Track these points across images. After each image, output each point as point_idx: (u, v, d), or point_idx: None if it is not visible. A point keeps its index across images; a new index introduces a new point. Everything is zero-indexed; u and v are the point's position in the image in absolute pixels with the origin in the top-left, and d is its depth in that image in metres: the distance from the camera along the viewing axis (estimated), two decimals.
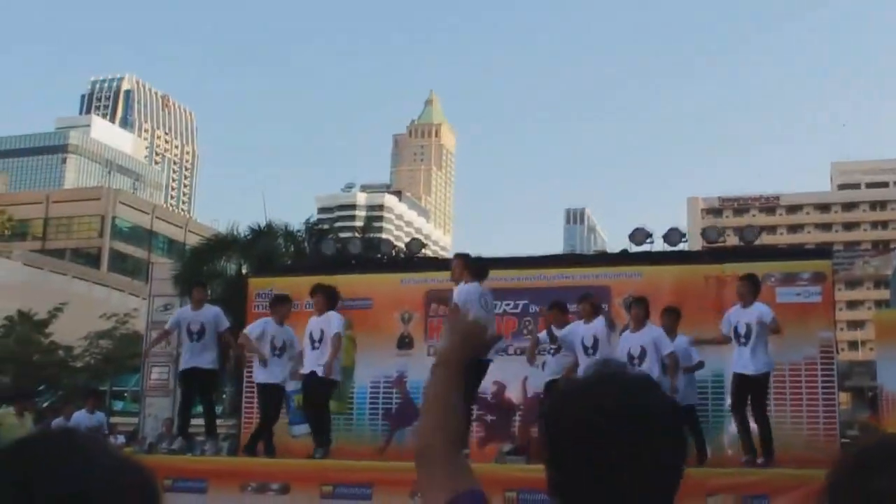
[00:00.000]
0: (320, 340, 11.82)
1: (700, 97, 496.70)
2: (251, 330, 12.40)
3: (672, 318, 12.01)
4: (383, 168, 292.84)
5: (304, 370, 11.95)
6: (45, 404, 33.20)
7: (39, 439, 1.24)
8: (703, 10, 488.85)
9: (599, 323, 11.80)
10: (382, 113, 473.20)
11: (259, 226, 29.88)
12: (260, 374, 12.18)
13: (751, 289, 11.34)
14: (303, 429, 13.43)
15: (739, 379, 11.15)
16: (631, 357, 11.25)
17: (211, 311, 12.74)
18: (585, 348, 11.69)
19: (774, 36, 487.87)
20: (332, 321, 11.89)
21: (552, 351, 12.16)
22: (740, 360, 11.13)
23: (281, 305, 12.53)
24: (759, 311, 11.11)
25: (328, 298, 12.16)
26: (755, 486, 10.17)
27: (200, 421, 13.66)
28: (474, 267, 11.54)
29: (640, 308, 11.61)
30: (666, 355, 11.28)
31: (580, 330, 11.86)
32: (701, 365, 12.11)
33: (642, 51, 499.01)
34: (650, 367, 11.07)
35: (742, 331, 11.12)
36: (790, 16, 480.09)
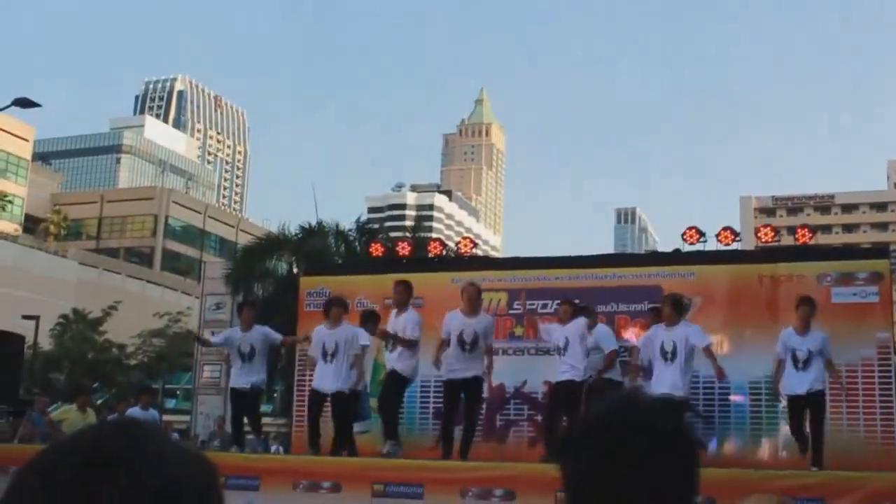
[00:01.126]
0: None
1: (754, 95, 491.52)
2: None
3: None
4: (433, 168, 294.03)
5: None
6: (99, 401, 33.67)
7: (93, 431, 1.25)
8: (759, 8, 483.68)
9: (574, 325, 11.94)
10: (433, 112, 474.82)
11: (310, 225, 30.08)
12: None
13: (810, 312, 11.37)
14: (360, 426, 13.47)
15: (796, 399, 11.34)
16: (664, 352, 11.31)
17: (259, 332, 12.96)
18: (558, 349, 12.03)
19: (828, 34, 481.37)
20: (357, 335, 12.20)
21: (560, 351, 12.08)
22: (797, 382, 11.27)
23: (334, 308, 12.50)
24: (821, 340, 11.29)
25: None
26: (811, 489, 10.04)
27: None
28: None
29: (669, 306, 11.61)
30: (703, 348, 11.35)
31: (555, 331, 12.13)
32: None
33: (695, 47, 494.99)
34: (680, 362, 11.25)
35: (802, 357, 11.25)
36: (845, 14, 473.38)
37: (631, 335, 12.94)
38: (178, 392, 50.43)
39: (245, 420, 13.69)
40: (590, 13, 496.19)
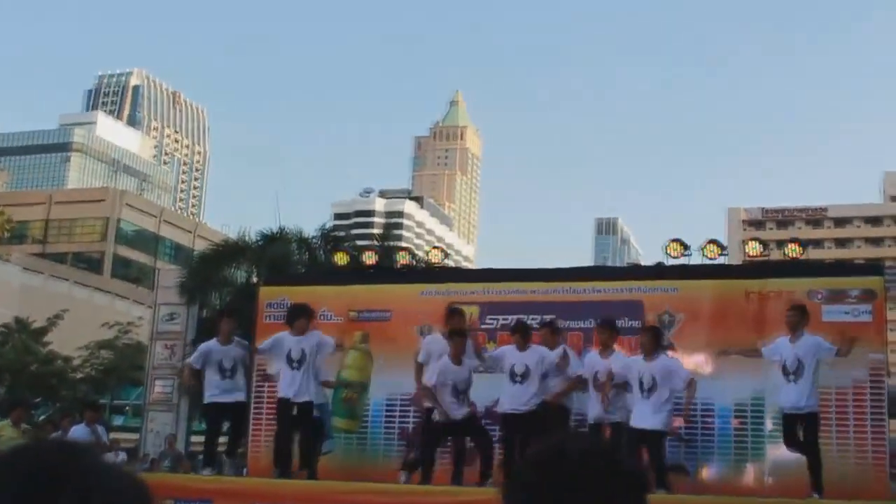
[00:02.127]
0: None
1: (743, 103, 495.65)
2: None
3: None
4: (404, 172, 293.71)
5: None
6: (42, 417, 33.38)
7: (35, 449, 1.24)
8: (746, 16, 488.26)
9: (534, 353, 12.11)
10: (404, 114, 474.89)
11: (271, 231, 29.97)
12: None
13: (799, 319, 11.53)
14: (323, 447, 13.46)
15: (791, 418, 11.45)
16: (642, 386, 11.54)
17: (242, 347, 12.84)
18: (514, 375, 12.09)
19: (822, 44, 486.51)
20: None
21: (518, 379, 12.16)
22: (789, 397, 11.39)
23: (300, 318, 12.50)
24: (813, 343, 11.40)
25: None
26: None
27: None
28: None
29: (649, 336, 11.89)
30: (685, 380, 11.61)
31: (511, 356, 12.22)
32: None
33: (678, 54, 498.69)
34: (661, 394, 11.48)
35: (792, 367, 11.31)
36: (839, 24, 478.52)
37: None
38: (126, 408, 50.04)
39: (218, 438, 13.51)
40: (573, 15, 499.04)
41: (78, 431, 16.07)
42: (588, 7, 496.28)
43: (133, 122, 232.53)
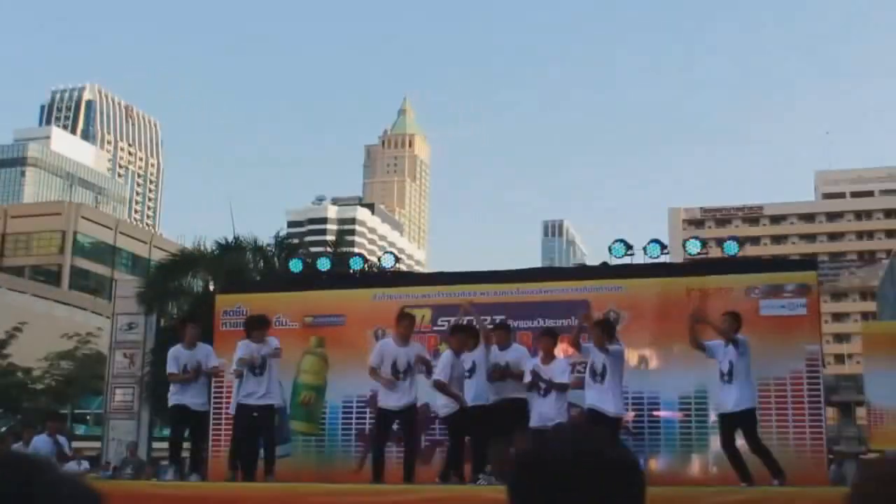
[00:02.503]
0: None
1: (680, 105, 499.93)
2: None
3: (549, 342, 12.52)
4: (356, 180, 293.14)
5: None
6: (2, 429, 32.92)
7: (4, 462, 1.23)
8: (690, 14, 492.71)
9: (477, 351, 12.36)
10: (355, 122, 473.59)
11: (226, 240, 29.79)
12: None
13: (733, 325, 11.70)
14: (281, 450, 13.43)
15: (727, 417, 11.55)
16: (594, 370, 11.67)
17: (205, 350, 12.90)
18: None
19: (755, 44, 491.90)
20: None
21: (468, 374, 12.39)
22: (725, 399, 11.54)
23: (261, 328, 12.59)
24: (738, 345, 11.54)
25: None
26: None
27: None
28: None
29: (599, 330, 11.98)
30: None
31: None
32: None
33: (619, 58, 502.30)
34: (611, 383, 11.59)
35: (725, 368, 11.48)
36: (771, 24, 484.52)
37: (559, 351, 13.02)
38: (88, 417, 49.51)
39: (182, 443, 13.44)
40: (514, 21, 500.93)
41: (40, 442, 15.87)
42: (527, 14, 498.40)
43: (87, 136, 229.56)
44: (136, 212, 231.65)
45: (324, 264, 16.35)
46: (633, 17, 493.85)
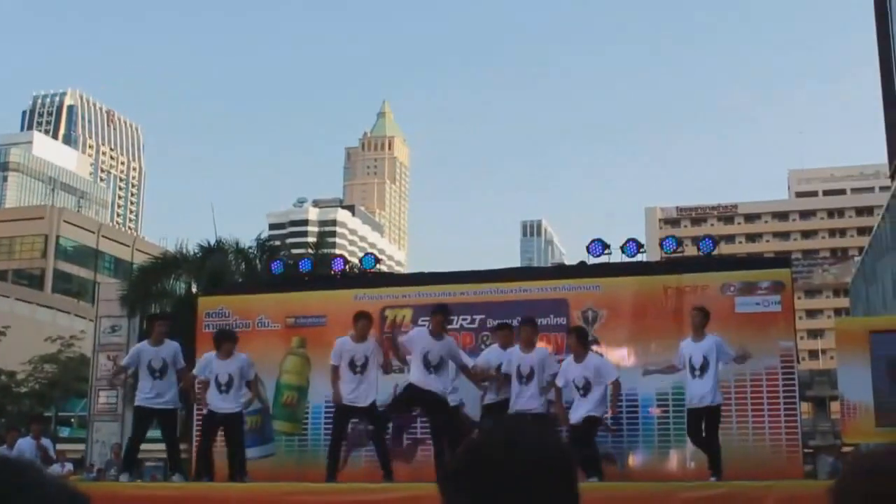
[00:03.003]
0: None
1: (655, 105, 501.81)
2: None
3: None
4: (336, 182, 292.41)
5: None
6: None
7: None
8: (664, 14, 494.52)
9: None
10: (334, 125, 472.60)
11: (208, 243, 29.72)
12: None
13: (702, 320, 11.90)
14: (255, 452, 13.41)
15: (696, 412, 11.76)
16: (576, 387, 11.81)
17: (172, 347, 12.67)
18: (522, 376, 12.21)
19: (728, 43, 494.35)
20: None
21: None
22: (696, 392, 11.71)
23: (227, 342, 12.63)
24: (716, 343, 11.73)
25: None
26: (717, 499, 10.24)
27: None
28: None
29: (575, 338, 12.14)
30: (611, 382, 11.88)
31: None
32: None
33: (596, 59, 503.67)
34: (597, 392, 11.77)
35: (697, 363, 11.65)
36: (742, 22, 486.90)
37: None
38: (72, 420, 49.27)
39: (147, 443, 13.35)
40: (488, 24, 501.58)
41: (24, 445, 15.79)
42: (504, 15, 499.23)
43: (69, 140, 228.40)
44: (118, 215, 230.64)
45: (305, 266, 16.33)
46: (608, 15, 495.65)
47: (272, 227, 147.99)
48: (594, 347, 12.84)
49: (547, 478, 1.61)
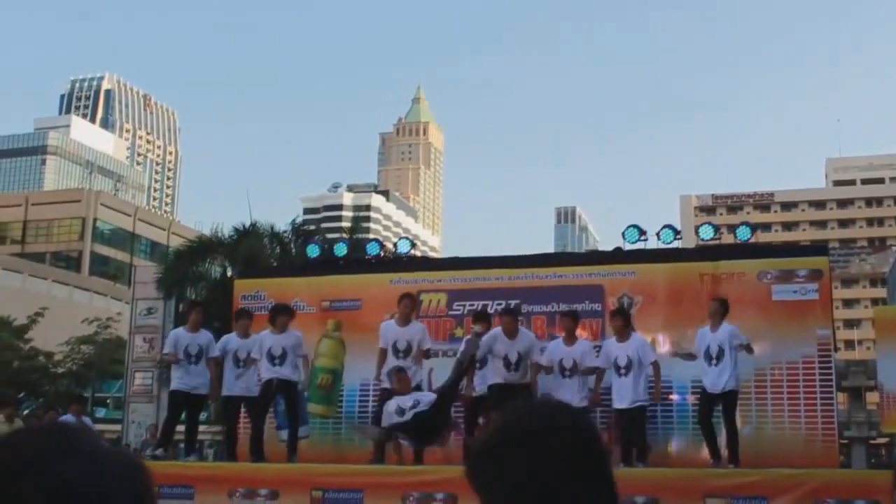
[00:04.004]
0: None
1: (692, 92, 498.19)
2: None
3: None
4: (370, 167, 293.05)
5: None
6: (25, 412, 33.08)
7: (34, 431, 1.24)
8: (698, 7, 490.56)
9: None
10: (369, 111, 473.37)
11: (244, 226, 29.85)
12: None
13: (719, 310, 11.91)
14: (300, 431, 13.50)
15: (710, 396, 11.80)
16: (617, 366, 11.82)
17: (206, 336, 13.03)
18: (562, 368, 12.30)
19: (768, 30, 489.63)
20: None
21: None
22: (712, 380, 11.74)
23: (245, 319, 13.12)
24: (730, 332, 11.74)
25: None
26: (754, 487, 10.20)
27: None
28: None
29: (621, 319, 12.16)
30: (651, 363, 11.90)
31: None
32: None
33: (633, 45, 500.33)
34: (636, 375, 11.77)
35: (714, 352, 11.69)
36: (783, 10, 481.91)
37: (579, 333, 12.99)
38: (108, 401, 49.73)
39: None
40: (525, 10, 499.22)
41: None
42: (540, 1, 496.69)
43: (106, 124, 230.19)
44: (154, 199, 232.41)
45: (340, 250, 16.37)
46: (647, 2, 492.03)
47: (307, 211, 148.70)
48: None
49: (579, 459, 1.61)
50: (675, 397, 13.27)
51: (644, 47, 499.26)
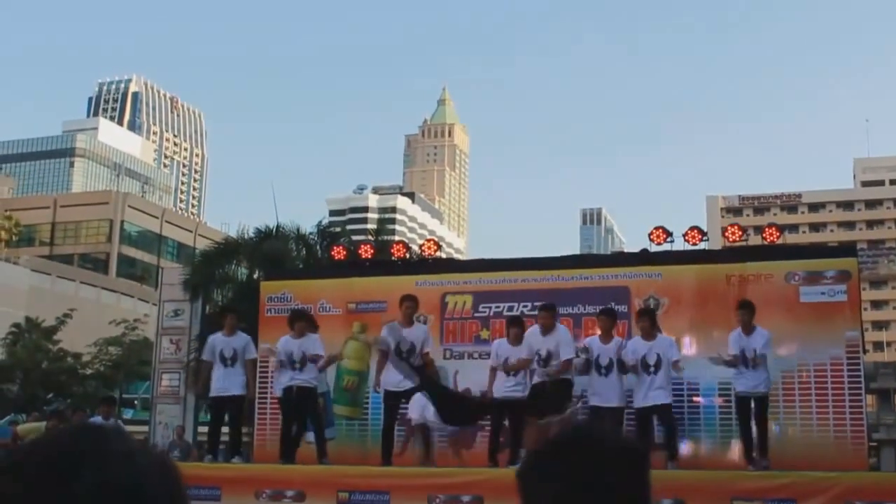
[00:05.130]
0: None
1: (718, 93, 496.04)
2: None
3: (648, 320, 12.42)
4: (396, 169, 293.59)
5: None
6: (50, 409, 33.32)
7: (70, 432, 1.26)
8: (726, 7, 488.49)
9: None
10: (394, 113, 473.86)
11: (268, 228, 29.96)
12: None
13: (746, 315, 11.95)
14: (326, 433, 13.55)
15: (745, 399, 11.91)
16: (646, 364, 11.82)
17: (243, 339, 13.20)
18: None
19: (794, 31, 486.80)
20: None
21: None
22: (745, 382, 11.83)
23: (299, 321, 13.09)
24: (763, 336, 11.83)
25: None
26: (782, 490, 10.15)
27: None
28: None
29: (649, 318, 12.29)
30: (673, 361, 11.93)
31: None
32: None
33: (657, 44, 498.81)
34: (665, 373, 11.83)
35: (749, 355, 11.75)
36: (810, 9, 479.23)
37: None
38: (135, 402, 50.02)
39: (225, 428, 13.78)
40: (552, 11, 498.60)
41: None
42: (562, 2, 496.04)
43: (133, 126, 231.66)
44: (181, 201, 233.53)
45: (366, 252, 16.40)
46: (672, 4, 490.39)
47: (332, 213, 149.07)
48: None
49: (626, 471, 1.64)
50: (702, 399, 13.22)
51: (670, 49, 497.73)
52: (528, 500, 1.64)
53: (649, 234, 14.36)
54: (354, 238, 34.34)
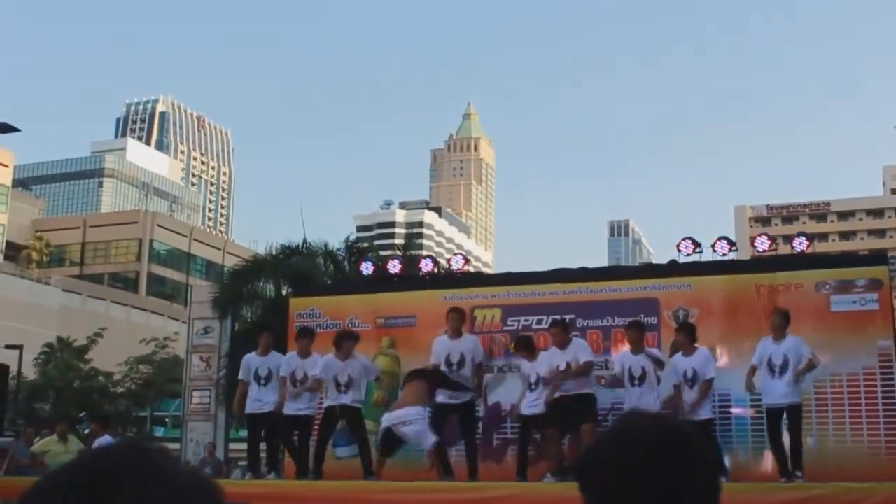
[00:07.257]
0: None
1: (745, 103, 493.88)
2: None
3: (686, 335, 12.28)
4: (422, 184, 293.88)
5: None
6: (86, 431, 33.51)
7: (111, 451, 1.26)
8: (751, 16, 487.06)
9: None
10: (420, 128, 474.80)
11: (297, 245, 30.04)
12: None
13: (781, 322, 11.77)
14: (346, 451, 13.56)
15: (775, 411, 11.69)
16: (687, 380, 11.82)
17: (277, 358, 13.36)
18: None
19: (821, 37, 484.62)
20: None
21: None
22: (775, 392, 11.60)
23: (302, 338, 13.41)
24: (796, 344, 11.62)
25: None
26: (816, 501, 10.05)
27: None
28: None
29: (685, 332, 12.23)
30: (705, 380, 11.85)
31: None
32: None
33: (683, 54, 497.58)
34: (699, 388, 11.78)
35: (777, 363, 11.54)
36: (836, 17, 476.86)
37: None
38: (166, 419, 50.27)
39: (264, 444, 13.84)
40: (578, 24, 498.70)
41: (104, 442, 16.13)
42: (590, 12, 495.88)
43: (161, 146, 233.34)
44: (209, 219, 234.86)
45: (394, 267, 16.42)
46: (697, 10, 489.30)
47: (359, 228, 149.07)
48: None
49: (693, 475, 1.62)
50: (735, 411, 13.12)
51: (698, 60, 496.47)
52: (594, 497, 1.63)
53: (677, 245, 14.31)
54: (382, 253, 34.39)
